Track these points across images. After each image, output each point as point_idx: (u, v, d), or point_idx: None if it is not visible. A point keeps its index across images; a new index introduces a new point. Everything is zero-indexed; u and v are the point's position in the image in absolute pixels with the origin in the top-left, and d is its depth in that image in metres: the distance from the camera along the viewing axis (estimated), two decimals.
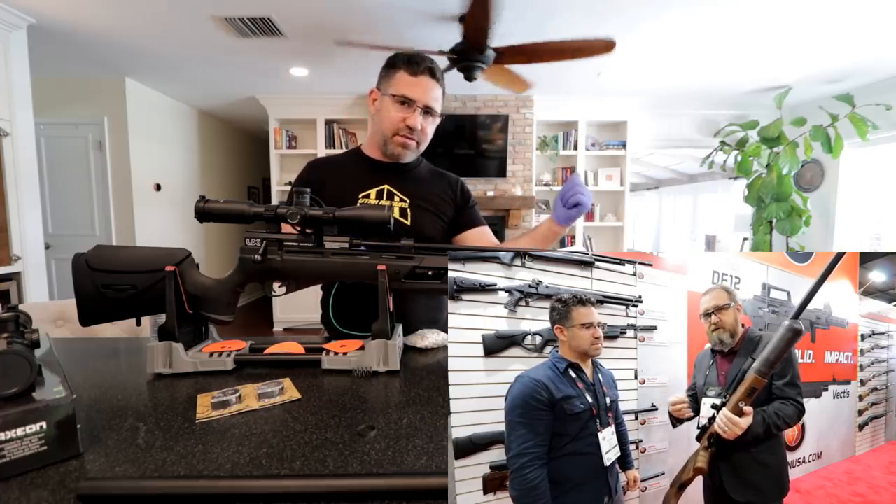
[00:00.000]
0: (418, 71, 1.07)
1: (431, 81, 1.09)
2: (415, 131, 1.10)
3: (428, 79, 1.08)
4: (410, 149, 1.13)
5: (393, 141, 1.12)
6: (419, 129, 1.10)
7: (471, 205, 1.22)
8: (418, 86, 1.07)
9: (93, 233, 3.98)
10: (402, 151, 1.13)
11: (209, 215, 0.81)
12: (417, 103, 1.08)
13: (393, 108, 1.09)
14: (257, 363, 0.83)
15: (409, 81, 1.08)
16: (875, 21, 2.77)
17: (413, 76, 1.07)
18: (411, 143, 1.12)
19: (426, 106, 1.09)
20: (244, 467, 0.49)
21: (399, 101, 1.08)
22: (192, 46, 3.22)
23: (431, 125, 1.14)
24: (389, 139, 1.12)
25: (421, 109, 1.09)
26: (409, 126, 1.09)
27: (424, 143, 1.16)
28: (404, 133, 1.10)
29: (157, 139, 4.39)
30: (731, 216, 5.87)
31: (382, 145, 1.15)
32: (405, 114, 1.09)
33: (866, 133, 3.55)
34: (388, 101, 1.09)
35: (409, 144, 1.12)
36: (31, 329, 0.60)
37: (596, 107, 4.57)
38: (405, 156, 1.15)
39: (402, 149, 1.13)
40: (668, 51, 3.28)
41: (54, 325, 1.42)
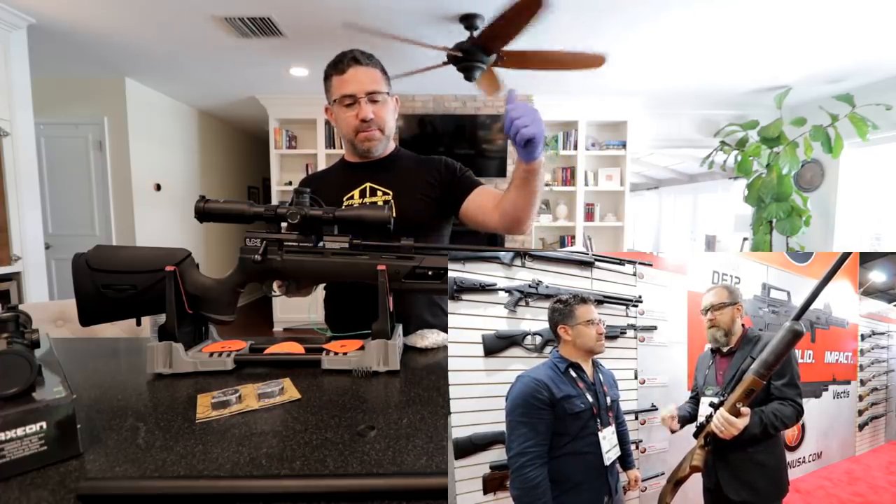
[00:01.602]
0: (344, 66, 1.09)
1: (362, 69, 1.09)
2: (369, 121, 1.10)
3: (357, 68, 1.09)
4: (376, 139, 1.14)
5: (357, 140, 1.13)
6: (371, 116, 1.10)
7: (459, 174, 1.20)
8: (352, 80, 1.09)
9: (93, 233, 3.98)
10: (369, 145, 1.14)
11: (209, 215, 0.81)
12: (358, 95, 1.09)
13: (342, 112, 1.12)
14: (257, 363, 0.83)
15: (341, 81, 1.09)
16: (875, 21, 2.77)
17: (342, 74, 1.09)
18: (374, 132, 1.13)
19: (367, 92, 1.09)
20: (244, 467, 0.49)
21: (344, 102, 1.10)
22: (192, 46, 3.22)
23: (384, 108, 1.14)
24: (354, 139, 1.14)
25: (365, 99, 1.09)
26: (361, 119, 1.10)
27: (388, 127, 1.16)
28: (361, 129, 1.11)
29: (157, 139, 4.39)
30: (731, 216, 5.87)
31: (353, 149, 1.17)
32: (354, 111, 1.10)
33: (866, 133, 3.55)
34: (337, 107, 1.12)
35: (372, 136, 1.13)
36: (31, 329, 0.60)
37: (596, 107, 4.57)
38: (375, 147, 1.15)
39: (369, 143, 1.14)
40: (668, 51, 3.28)
41: (54, 325, 1.42)
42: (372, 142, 1.14)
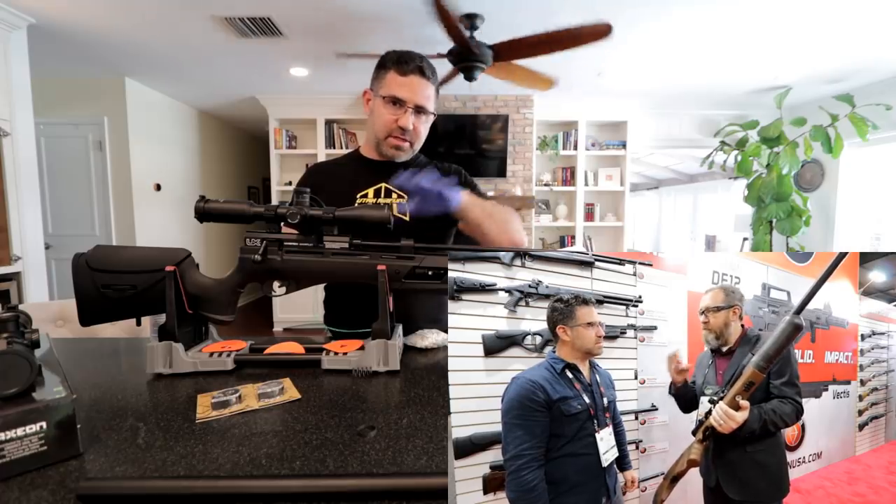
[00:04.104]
0: (408, 70, 1.06)
1: (422, 80, 1.08)
2: (407, 132, 1.09)
3: (418, 78, 1.07)
4: (404, 150, 1.13)
5: (386, 143, 1.12)
6: (411, 129, 1.09)
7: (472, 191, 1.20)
8: (408, 86, 1.07)
9: (93, 233, 3.98)
10: (395, 153, 1.13)
11: (209, 215, 0.81)
12: (408, 104, 1.07)
13: (384, 109, 1.09)
14: (257, 363, 0.83)
15: (399, 82, 1.07)
16: (875, 21, 2.77)
17: (403, 76, 1.06)
18: (404, 144, 1.11)
19: (417, 105, 1.08)
20: (244, 467, 0.49)
21: (390, 101, 1.07)
22: (193, 46, 3.22)
23: (424, 124, 1.13)
24: (382, 141, 1.12)
25: (412, 110, 1.08)
26: (400, 127, 1.08)
27: (418, 142, 1.15)
28: (396, 134, 1.10)
29: (157, 139, 4.39)
30: (731, 216, 5.87)
31: (376, 146, 1.15)
32: (396, 115, 1.08)
33: (866, 133, 3.55)
34: (380, 102, 1.09)
35: (401, 146, 1.12)
36: (31, 329, 0.60)
37: (596, 107, 4.58)
38: (399, 156, 1.14)
39: (395, 150, 1.12)
40: (668, 51, 3.28)
41: (54, 325, 1.42)
42: (400, 151, 1.13)
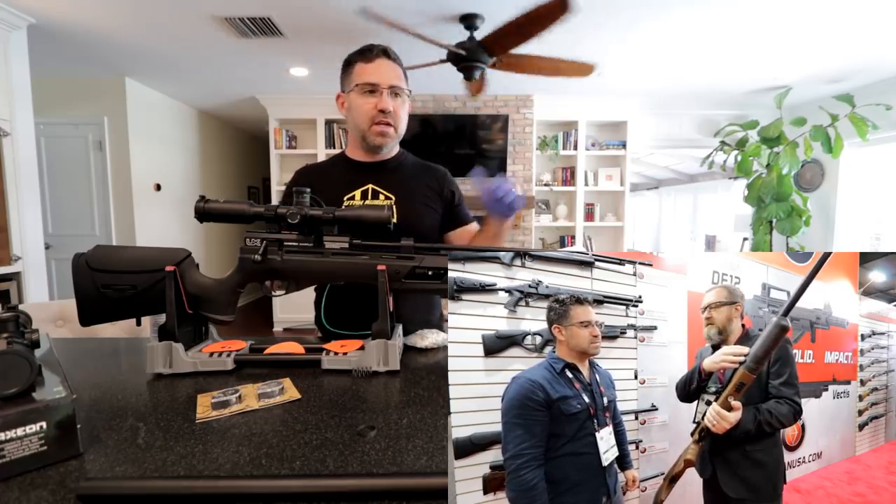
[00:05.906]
0: (373, 56, 1.08)
1: (389, 62, 1.10)
2: (388, 113, 1.10)
3: (385, 60, 1.09)
4: (389, 135, 1.13)
5: (371, 131, 1.11)
6: (391, 110, 1.10)
7: (456, 202, 1.22)
8: (377, 70, 1.08)
9: (93, 233, 3.98)
10: (381, 140, 1.12)
11: (209, 215, 0.81)
12: (382, 86, 1.08)
13: (361, 99, 1.10)
14: (257, 363, 0.83)
15: (368, 69, 1.08)
16: (875, 21, 2.77)
17: (370, 62, 1.08)
18: (389, 128, 1.11)
19: (391, 86, 1.09)
20: (244, 467, 0.49)
21: (365, 90, 1.09)
22: (192, 46, 3.22)
23: (403, 108, 1.14)
24: (367, 131, 1.12)
25: (387, 91, 1.09)
26: (381, 110, 1.09)
27: (401, 126, 1.15)
28: (379, 119, 1.10)
29: (157, 139, 4.39)
30: (731, 216, 5.86)
31: (362, 140, 1.15)
32: (374, 100, 1.09)
33: (866, 133, 3.55)
34: (355, 94, 1.10)
35: (386, 131, 1.11)
36: (31, 329, 0.60)
37: (596, 107, 4.57)
38: (386, 143, 1.14)
39: (382, 137, 1.12)
40: (668, 51, 3.28)
41: (54, 325, 1.42)
42: (385, 137, 1.12)
